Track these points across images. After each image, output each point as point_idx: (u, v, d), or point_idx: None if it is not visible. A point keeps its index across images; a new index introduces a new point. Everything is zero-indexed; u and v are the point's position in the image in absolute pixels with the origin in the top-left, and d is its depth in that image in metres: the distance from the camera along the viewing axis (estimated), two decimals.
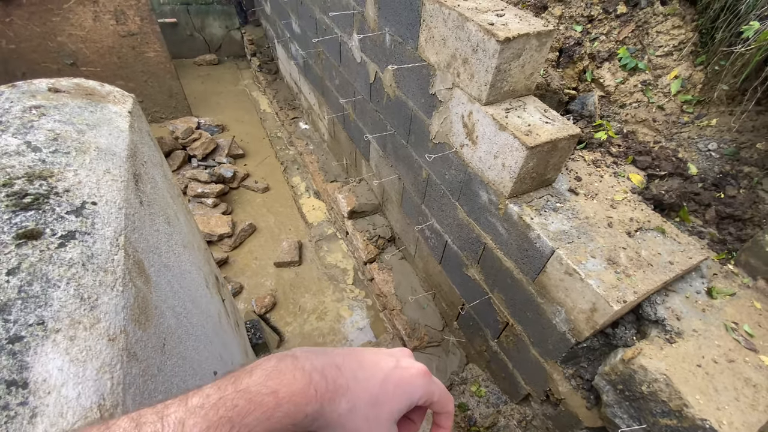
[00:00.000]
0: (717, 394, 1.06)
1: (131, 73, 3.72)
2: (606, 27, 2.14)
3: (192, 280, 0.75)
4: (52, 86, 0.63)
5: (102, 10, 3.26)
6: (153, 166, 0.72)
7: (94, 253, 0.43)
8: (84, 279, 0.40)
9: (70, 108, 0.60)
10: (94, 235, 0.44)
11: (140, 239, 0.53)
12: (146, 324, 0.45)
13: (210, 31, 5.07)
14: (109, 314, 0.40)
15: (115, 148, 0.57)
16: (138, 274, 0.48)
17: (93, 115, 0.61)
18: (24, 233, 0.41)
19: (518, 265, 1.51)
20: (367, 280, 2.73)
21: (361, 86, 2.42)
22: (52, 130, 0.54)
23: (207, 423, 0.30)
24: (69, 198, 0.46)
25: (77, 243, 0.43)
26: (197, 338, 0.65)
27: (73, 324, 0.37)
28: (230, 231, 2.97)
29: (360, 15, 2.10)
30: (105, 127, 0.60)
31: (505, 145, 1.36)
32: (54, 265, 0.40)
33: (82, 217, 0.45)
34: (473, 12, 1.37)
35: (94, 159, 0.53)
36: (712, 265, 1.41)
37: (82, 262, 0.41)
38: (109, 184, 0.51)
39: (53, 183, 0.47)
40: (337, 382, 0.37)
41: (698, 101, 1.87)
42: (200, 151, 3.54)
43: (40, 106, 0.57)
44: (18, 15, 3.01)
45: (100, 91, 0.68)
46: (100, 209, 0.47)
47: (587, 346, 1.38)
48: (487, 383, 2.06)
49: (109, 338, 0.38)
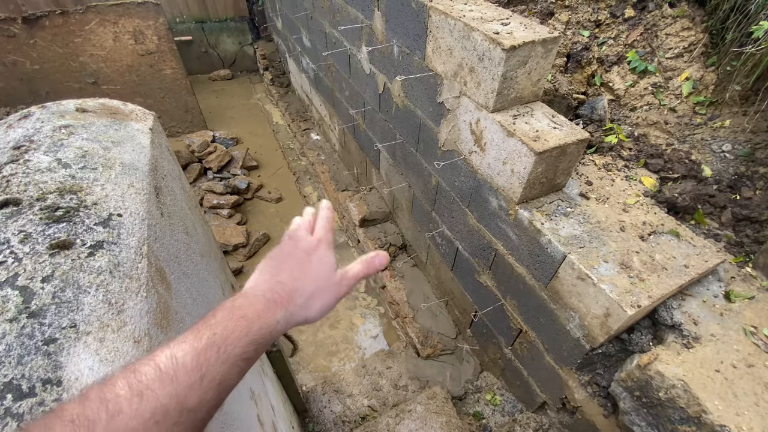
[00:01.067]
0: (736, 400, 1.03)
1: (149, 90, 3.86)
2: (614, 31, 2.14)
3: (209, 287, 0.78)
4: (80, 106, 0.67)
5: (122, 30, 3.41)
6: (172, 179, 0.76)
7: (120, 262, 0.46)
8: (111, 285, 0.43)
9: (97, 126, 0.64)
10: (120, 244, 0.47)
11: (161, 248, 0.56)
12: (168, 328, 0.48)
13: (224, 47, 5.23)
14: (135, 318, 0.42)
15: (137, 163, 0.61)
16: (160, 281, 0.51)
17: (117, 132, 0.65)
18: (57, 243, 0.44)
19: (530, 271, 1.51)
20: (379, 288, 2.74)
21: (370, 97, 2.47)
22: (81, 148, 0.58)
23: (195, 350, 0.36)
24: (97, 210, 0.50)
25: (105, 252, 0.46)
26: None
27: (102, 327, 0.40)
28: (245, 241, 3.02)
29: (368, 28, 2.15)
30: (128, 143, 0.64)
31: (513, 151, 1.37)
32: (84, 272, 0.43)
33: (109, 228, 0.49)
34: (478, 22, 1.39)
35: (119, 174, 0.56)
36: (730, 268, 1.38)
37: (109, 270, 0.44)
38: (132, 197, 0.54)
39: (82, 197, 0.51)
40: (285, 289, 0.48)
41: (711, 102, 1.85)
42: (215, 164, 3.63)
43: (69, 125, 0.62)
44: (41, 37, 3.17)
45: (123, 110, 0.72)
46: (125, 220, 0.51)
47: (602, 352, 1.36)
48: (502, 391, 2.03)
49: (135, 340, 0.41)
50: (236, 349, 0.39)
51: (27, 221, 0.46)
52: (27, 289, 0.40)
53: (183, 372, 0.35)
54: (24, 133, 0.59)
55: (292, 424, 1.58)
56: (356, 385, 2.15)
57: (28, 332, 0.37)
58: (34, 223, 0.46)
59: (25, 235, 0.45)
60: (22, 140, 0.59)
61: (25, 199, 0.49)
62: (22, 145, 0.58)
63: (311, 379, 2.28)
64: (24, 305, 0.39)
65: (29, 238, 0.45)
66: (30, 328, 0.37)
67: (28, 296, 0.39)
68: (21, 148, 0.58)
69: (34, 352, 0.36)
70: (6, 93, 3.32)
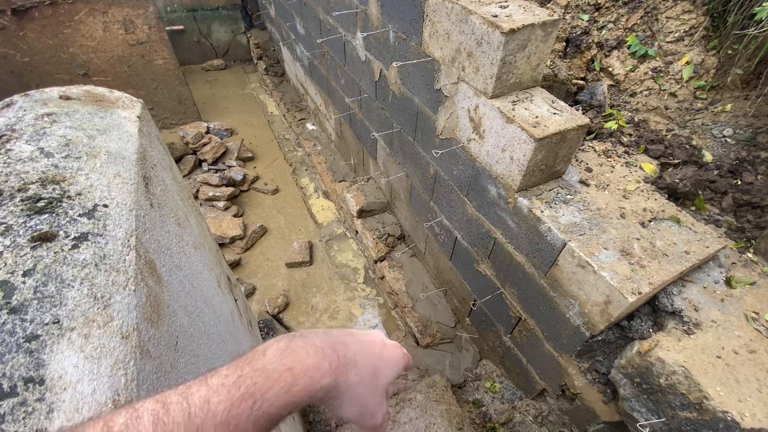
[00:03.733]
0: (738, 386, 1.03)
1: (141, 81, 3.78)
2: (613, 15, 2.10)
3: (204, 280, 0.76)
4: (63, 94, 0.64)
5: (111, 20, 3.33)
6: (162, 169, 0.74)
7: (106, 254, 0.44)
8: (97, 279, 0.41)
9: (81, 114, 0.61)
10: (106, 236, 0.45)
11: (151, 240, 0.54)
12: (159, 322, 0.46)
13: (216, 36, 5.13)
14: (122, 312, 0.40)
15: (124, 151, 0.58)
16: (150, 274, 0.49)
17: (103, 120, 0.62)
18: (39, 236, 0.42)
19: (529, 259, 1.50)
20: (377, 279, 2.73)
21: (366, 85, 2.42)
22: (64, 136, 0.55)
23: (230, 400, 0.33)
24: (81, 201, 0.48)
25: (90, 244, 0.44)
26: (210, 337, 0.66)
27: (87, 322, 0.38)
28: (242, 233, 3.00)
29: (363, 13, 2.11)
30: (114, 131, 0.61)
31: (512, 138, 1.35)
32: (68, 266, 0.41)
33: (94, 219, 0.46)
34: (477, 5, 1.36)
35: (104, 163, 0.54)
36: (731, 253, 1.37)
37: (95, 263, 0.42)
38: (119, 187, 0.52)
39: (66, 187, 0.48)
40: (347, 356, 0.41)
41: (712, 87, 1.82)
42: (210, 156, 3.58)
43: (52, 113, 0.59)
44: (31, 28, 3.09)
45: (109, 98, 0.69)
46: (111, 211, 0.48)
47: (602, 339, 1.36)
48: (501, 379, 2.04)
49: (123, 336, 0.39)
50: (271, 408, 0.35)
51: (7, 213, 0.44)
52: (7, 284, 0.38)
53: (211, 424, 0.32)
54: (5, 122, 0.57)
55: (293, 415, 1.57)
56: None
57: (8, 329, 0.35)
58: (15, 214, 0.44)
59: (5, 227, 0.43)
60: (3, 129, 0.57)
61: (6, 189, 0.46)
62: (3, 135, 0.56)
63: None
64: (4, 300, 0.37)
65: (10, 230, 0.42)
66: (11, 324, 0.35)
67: (9, 291, 0.37)
68: (2, 138, 0.55)
69: (15, 350, 0.34)
70: None
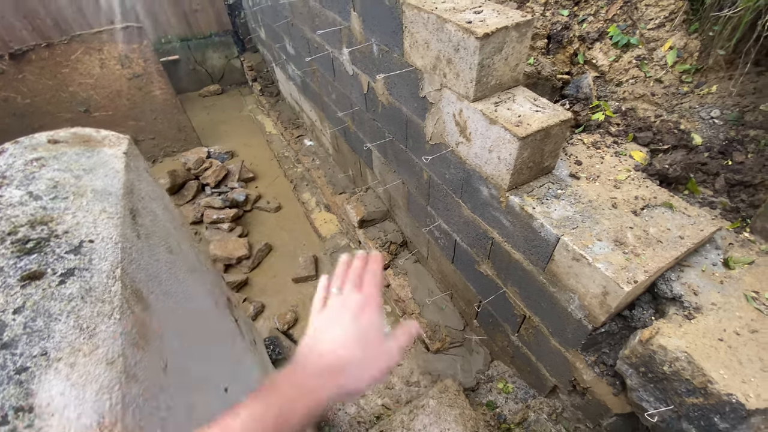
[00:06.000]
0: (742, 367, 1.03)
1: (140, 113, 3.90)
2: (593, 7, 2.12)
3: (198, 303, 0.79)
4: (51, 138, 0.68)
5: (107, 57, 3.45)
6: (152, 201, 0.77)
7: (92, 287, 0.47)
8: (83, 311, 0.44)
9: (68, 156, 0.65)
10: (92, 270, 0.48)
11: (138, 270, 0.57)
12: (146, 347, 0.49)
13: (211, 62, 5.26)
14: (108, 340, 0.43)
15: (110, 188, 0.62)
16: (136, 302, 0.52)
17: (89, 160, 0.66)
18: (28, 275, 0.45)
19: (527, 257, 1.50)
20: (383, 287, 2.75)
21: (356, 97, 2.47)
22: (52, 179, 0.59)
23: None
24: (68, 238, 0.51)
25: (76, 279, 0.47)
26: (204, 358, 0.68)
27: (73, 352, 0.41)
28: (248, 253, 3.05)
29: (347, 29, 2.16)
30: (101, 169, 0.65)
31: (497, 139, 1.37)
32: (55, 300, 0.44)
33: (81, 254, 0.49)
34: (451, 13, 1.39)
35: (90, 200, 0.57)
36: (727, 234, 1.37)
37: (81, 296, 0.45)
38: (105, 222, 0.55)
39: (53, 227, 0.52)
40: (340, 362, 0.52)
41: (697, 69, 1.82)
42: (212, 179, 3.66)
43: (41, 157, 0.63)
44: (29, 71, 3.22)
45: (96, 137, 0.73)
46: (97, 246, 0.51)
47: (606, 330, 1.36)
48: (513, 379, 2.03)
49: (108, 362, 0.42)
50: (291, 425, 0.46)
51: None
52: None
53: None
54: None
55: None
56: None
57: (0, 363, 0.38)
58: (6, 257, 0.47)
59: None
60: None
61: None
62: None
63: None
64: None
65: (1, 272, 0.46)
66: (2, 358, 0.38)
67: (0, 328, 0.40)
68: None
69: (7, 382, 0.37)
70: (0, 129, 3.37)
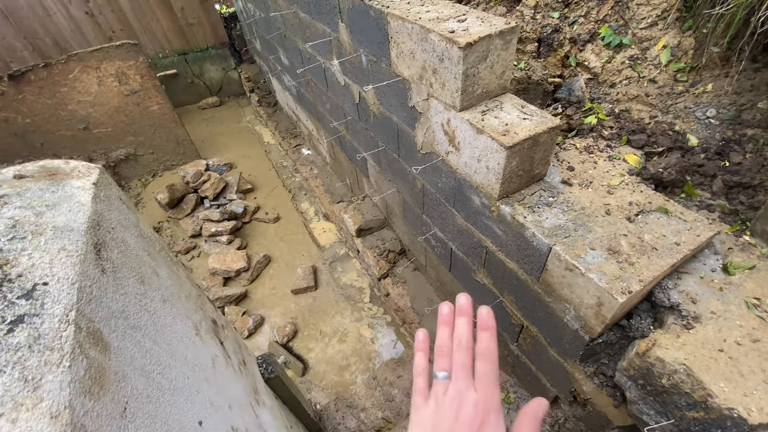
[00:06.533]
0: (743, 379, 0.99)
1: (139, 128, 3.93)
2: (583, 9, 2.10)
3: (173, 332, 0.77)
4: (18, 173, 0.67)
5: (104, 74, 3.48)
6: (124, 230, 0.76)
7: (41, 334, 0.45)
8: (29, 361, 0.43)
9: (32, 192, 0.64)
10: (43, 315, 0.47)
11: (98, 308, 0.55)
12: (100, 393, 0.47)
13: (209, 75, 5.30)
14: (53, 392, 0.42)
15: (73, 223, 0.61)
16: (92, 345, 0.50)
17: (54, 194, 0.65)
18: None
19: (521, 266, 1.47)
20: (383, 296, 2.72)
21: (349, 107, 2.46)
22: (12, 218, 0.58)
23: None
24: (21, 282, 0.50)
25: (25, 326, 0.45)
26: (176, 391, 0.67)
27: (15, 407, 0.39)
28: (246, 265, 3.04)
29: (336, 40, 2.15)
30: (65, 204, 0.64)
31: (485, 148, 1.35)
32: (1, 351, 0.43)
33: (32, 299, 0.48)
34: (434, 22, 1.38)
35: (49, 239, 0.56)
36: (726, 238, 1.33)
37: (28, 345, 0.44)
38: (62, 261, 0.54)
39: (7, 270, 0.51)
40: None
41: (691, 68, 1.79)
42: (211, 192, 3.67)
43: (4, 195, 0.62)
44: (28, 91, 3.26)
45: (64, 169, 0.72)
46: (51, 288, 0.50)
47: (604, 341, 1.32)
48: (515, 388, 1.99)
49: (52, 416, 0.40)
50: None
51: None
52: None
53: None
54: None
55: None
56: (368, 398, 2.14)
57: None
58: None
59: None
60: None
61: None
62: None
63: (324, 397, 2.27)
64: None
65: None
66: None
67: None
68: None
69: None
70: (2, 149, 3.42)
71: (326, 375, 2.42)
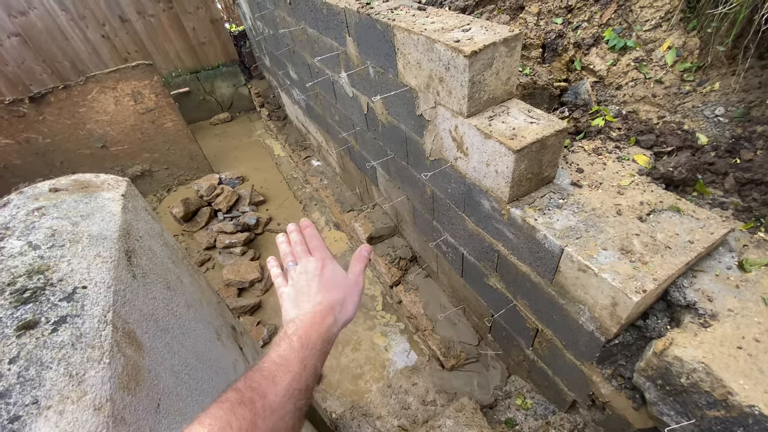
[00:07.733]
0: (763, 376, 0.98)
1: (154, 144, 4.04)
2: (587, 14, 2.13)
3: (198, 336, 0.80)
4: (53, 186, 0.72)
5: (121, 94, 3.61)
6: (150, 239, 0.80)
7: (83, 333, 0.49)
8: (73, 357, 0.46)
9: (67, 204, 0.68)
10: (83, 316, 0.50)
11: (132, 311, 0.59)
12: (136, 389, 0.50)
13: (220, 92, 5.44)
14: (96, 386, 0.45)
15: (106, 232, 0.65)
16: (128, 344, 0.53)
17: (87, 205, 0.69)
18: (23, 324, 0.48)
19: (533, 269, 1.48)
20: (395, 304, 2.73)
21: (357, 118, 2.51)
22: (50, 227, 0.62)
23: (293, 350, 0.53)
24: (62, 286, 0.53)
25: (68, 326, 0.49)
26: (202, 392, 0.69)
27: (62, 399, 0.42)
28: (260, 275, 3.08)
29: (344, 54, 2.21)
30: (98, 214, 0.68)
31: (494, 153, 1.37)
32: (47, 349, 0.46)
33: (73, 301, 0.52)
34: (439, 33, 1.42)
35: (85, 246, 0.60)
36: (741, 235, 1.32)
37: (71, 343, 0.47)
38: (98, 267, 0.58)
39: (49, 275, 0.54)
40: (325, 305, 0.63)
41: (698, 67, 1.79)
42: (224, 205, 3.74)
43: (42, 207, 0.66)
44: (49, 112, 3.39)
45: (95, 182, 0.77)
46: (89, 291, 0.54)
47: (620, 342, 1.32)
48: (532, 394, 1.98)
49: (95, 408, 0.43)
50: (317, 344, 0.56)
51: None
52: None
53: (294, 362, 0.51)
54: (1, 222, 0.64)
55: None
56: (384, 406, 2.13)
57: None
58: (4, 307, 0.50)
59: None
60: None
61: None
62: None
63: (339, 405, 2.27)
64: None
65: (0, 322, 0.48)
66: None
67: None
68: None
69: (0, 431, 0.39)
70: (24, 168, 3.55)
71: (341, 384, 2.43)
